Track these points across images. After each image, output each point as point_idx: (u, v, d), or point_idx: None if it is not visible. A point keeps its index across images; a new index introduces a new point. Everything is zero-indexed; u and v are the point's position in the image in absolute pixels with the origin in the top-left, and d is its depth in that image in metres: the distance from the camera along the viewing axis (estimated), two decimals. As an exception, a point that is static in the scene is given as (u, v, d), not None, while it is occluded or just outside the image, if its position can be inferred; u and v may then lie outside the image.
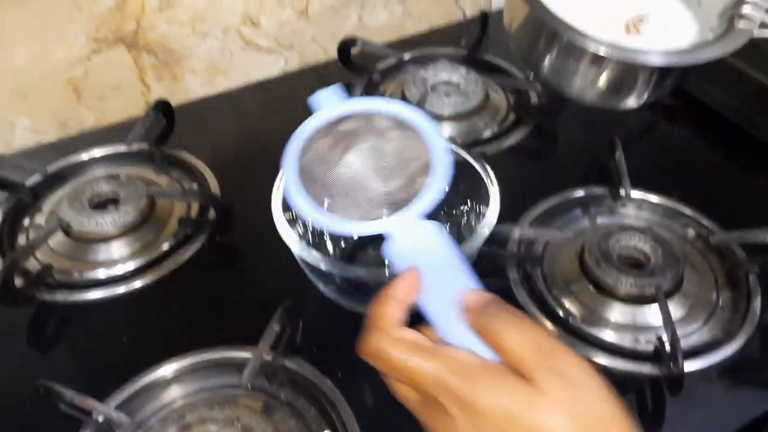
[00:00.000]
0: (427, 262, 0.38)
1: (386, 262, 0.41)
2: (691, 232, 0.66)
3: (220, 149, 0.79)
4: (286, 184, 0.43)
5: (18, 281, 0.59)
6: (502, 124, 0.80)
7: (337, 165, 0.43)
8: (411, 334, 0.35)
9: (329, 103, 0.43)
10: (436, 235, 0.39)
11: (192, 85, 0.89)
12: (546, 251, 0.63)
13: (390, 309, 0.35)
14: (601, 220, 0.67)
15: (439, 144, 0.42)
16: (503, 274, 0.61)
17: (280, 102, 0.89)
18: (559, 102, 0.79)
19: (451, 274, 0.38)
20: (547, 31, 0.59)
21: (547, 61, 0.60)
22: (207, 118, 0.85)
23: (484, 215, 0.55)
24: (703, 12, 0.60)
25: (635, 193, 0.68)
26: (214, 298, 0.62)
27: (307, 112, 0.47)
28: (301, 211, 0.41)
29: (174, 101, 0.81)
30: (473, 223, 0.59)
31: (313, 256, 0.51)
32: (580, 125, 0.81)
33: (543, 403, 0.30)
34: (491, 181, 0.56)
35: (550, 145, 0.80)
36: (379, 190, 0.43)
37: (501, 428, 0.31)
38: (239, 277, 0.64)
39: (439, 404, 0.32)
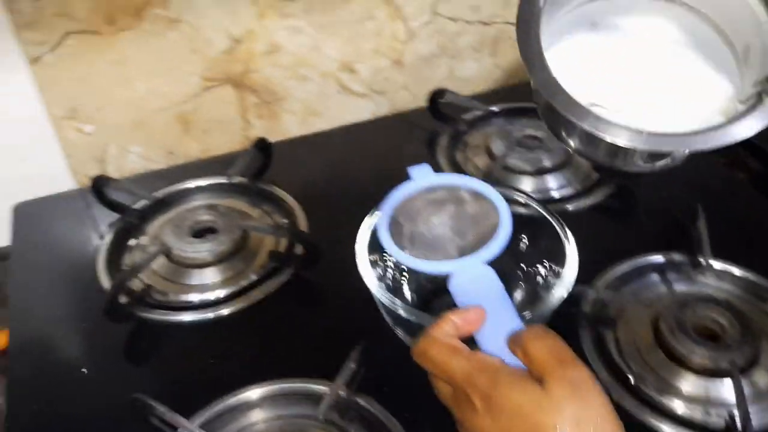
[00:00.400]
0: (481, 298, 0.46)
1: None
2: (772, 308, 0.65)
3: (310, 187, 0.83)
4: (378, 229, 0.53)
5: (122, 298, 0.65)
6: (584, 181, 0.82)
7: (423, 223, 0.54)
8: (453, 341, 0.42)
9: (422, 176, 0.55)
10: (490, 277, 0.47)
11: (289, 124, 0.95)
12: (620, 315, 0.64)
13: (445, 325, 0.43)
14: (678, 287, 0.67)
15: (505, 213, 0.52)
16: (575, 334, 0.62)
17: (369, 145, 0.93)
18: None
19: (499, 310, 0.45)
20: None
21: (570, 135, 0.59)
22: (300, 157, 0.90)
23: (560, 275, 0.56)
24: (748, 73, 0.56)
25: (715, 263, 0.68)
26: (296, 331, 0.65)
27: (393, 156, 0.57)
28: (387, 248, 0.51)
29: (271, 138, 0.86)
30: (549, 281, 0.61)
31: (390, 299, 0.55)
32: (663, 187, 0.81)
33: (550, 404, 0.36)
34: (570, 241, 0.58)
35: (631, 207, 0.80)
36: (454, 243, 0.52)
37: (512, 421, 0.36)
38: (321, 312, 0.67)
39: (468, 397, 0.39)
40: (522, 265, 0.64)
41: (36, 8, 0.74)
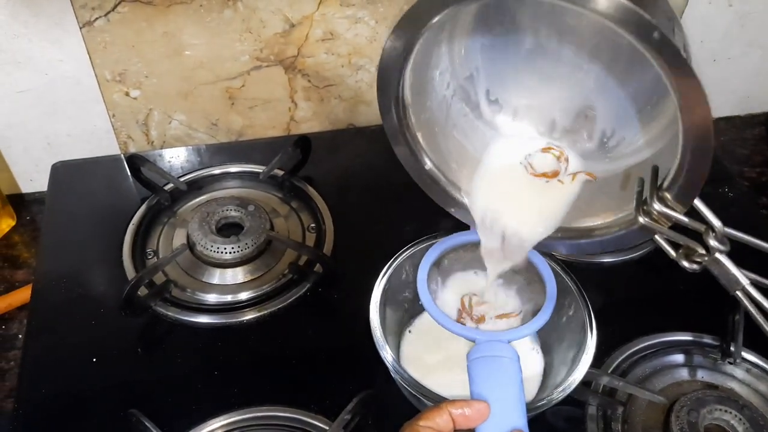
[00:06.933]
0: (495, 382, 0.45)
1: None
2: (796, 416, 0.62)
3: (345, 190, 0.81)
4: (421, 268, 0.53)
5: (141, 290, 0.66)
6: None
7: (468, 273, 0.56)
8: None
9: None
10: (512, 363, 0.46)
11: (336, 110, 0.92)
12: (632, 400, 0.61)
13: (438, 417, 0.42)
14: (701, 376, 0.64)
15: (550, 302, 0.51)
16: (582, 409, 0.60)
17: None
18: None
19: (507, 403, 0.44)
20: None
21: None
22: (342, 152, 0.88)
23: (575, 361, 0.54)
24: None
25: (747, 355, 0.64)
26: (302, 353, 0.64)
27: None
28: (421, 291, 0.51)
29: (316, 122, 0.84)
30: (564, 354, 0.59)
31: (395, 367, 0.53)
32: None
33: None
34: (593, 334, 0.55)
35: (669, 270, 0.74)
36: (488, 306, 0.54)
37: None
38: (332, 336, 0.66)
39: None
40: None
41: (92, -26, 0.72)
